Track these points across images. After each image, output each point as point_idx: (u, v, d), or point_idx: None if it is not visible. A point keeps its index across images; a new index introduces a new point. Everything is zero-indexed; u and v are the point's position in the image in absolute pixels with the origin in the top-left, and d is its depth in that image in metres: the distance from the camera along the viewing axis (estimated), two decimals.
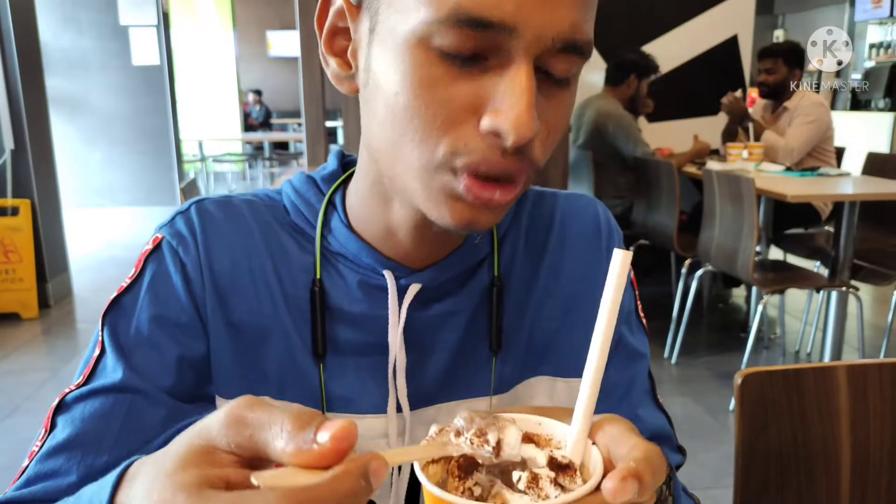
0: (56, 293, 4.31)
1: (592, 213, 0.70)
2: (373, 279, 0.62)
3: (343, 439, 0.30)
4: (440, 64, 0.47)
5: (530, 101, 0.46)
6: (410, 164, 0.51)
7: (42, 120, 4.35)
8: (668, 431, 0.71)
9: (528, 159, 0.50)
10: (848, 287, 2.90)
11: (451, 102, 0.48)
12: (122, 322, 0.60)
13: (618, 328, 0.69)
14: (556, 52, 0.48)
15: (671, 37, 4.16)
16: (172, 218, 0.63)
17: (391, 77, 0.49)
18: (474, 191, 0.49)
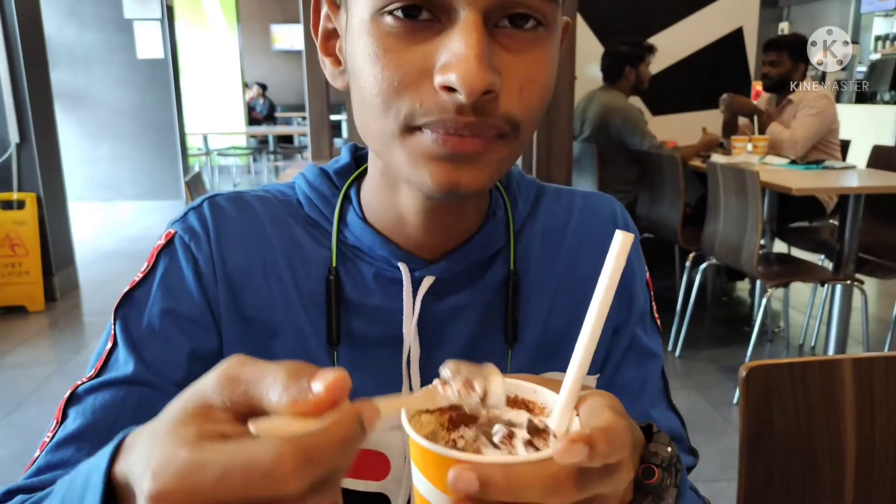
0: (62, 286, 4.33)
1: (610, 212, 0.70)
2: (388, 272, 0.62)
3: (337, 389, 0.31)
4: (393, 33, 0.49)
5: (477, 49, 0.46)
6: (384, 135, 0.52)
7: (47, 113, 4.36)
8: (680, 433, 0.70)
9: (495, 113, 0.49)
10: (852, 280, 2.89)
11: (405, 65, 0.49)
12: (133, 316, 0.60)
13: (632, 328, 0.69)
14: (507, 1, 0.47)
15: (676, 29, 4.15)
16: (185, 213, 0.64)
17: (357, 55, 0.51)
18: (440, 137, 0.49)
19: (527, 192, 0.69)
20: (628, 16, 4.10)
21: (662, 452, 0.49)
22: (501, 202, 0.66)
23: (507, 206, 0.66)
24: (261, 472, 0.28)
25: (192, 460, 0.29)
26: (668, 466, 0.48)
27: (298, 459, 0.28)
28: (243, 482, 0.28)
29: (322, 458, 0.29)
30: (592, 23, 4.07)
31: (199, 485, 0.29)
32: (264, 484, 0.28)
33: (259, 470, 0.28)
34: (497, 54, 0.48)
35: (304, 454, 0.29)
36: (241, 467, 0.28)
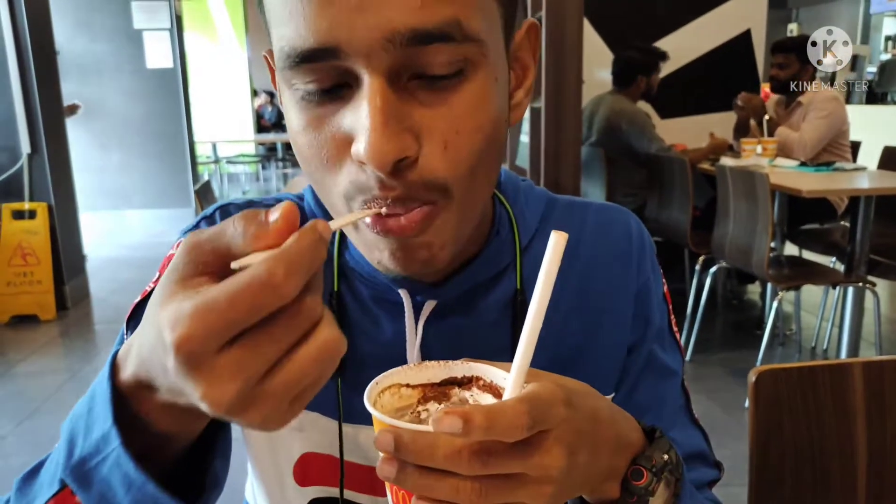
0: (73, 295, 4.36)
1: (624, 227, 0.67)
2: (389, 295, 0.61)
3: (289, 214, 0.34)
4: (308, 106, 0.47)
5: (380, 119, 0.43)
6: (333, 208, 0.51)
7: (58, 124, 4.40)
8: (703, 449, 0.68)
9: (418, 178, 0.46)
10: (864, 283, 2.87)
11: (327, 141, 0.47)
12: None
13: (649, 346, 0.66)
14: (412, 51, 0.43)
15: (684, 32, 4.14)
16: (197, 222, 0.64)
17: (291, 126, 0.50)
18: (380, 226, 0.47)
19: (535, 205, 0.66)
20: (635, 19, 4.09)
21: (657, 458, 0.48)
22: (506, 219, 0.63)
23: (514, 221, 0.63)
24: (260, 286, 0.32)
25: (199, 301, 0.32)
26: (658, 472, 0.48)
27: (285, 267, 0.32)
28: (250, 300, 0.32)
29: (301, 262, 0.33)
30: (599, 26, 4.07)
31: (215, 315, 0.32)
32: (266, 295, 0.32)
33: (258, 285, 0.32)
34: (413, 112, 0.45)
35: (286, 262, 0.32)
36: (244, 289, 0.32)
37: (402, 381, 0.45)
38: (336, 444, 0.63)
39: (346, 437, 0.62)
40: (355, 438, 0.63)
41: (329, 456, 0.63)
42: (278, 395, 0.34)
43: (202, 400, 0.33)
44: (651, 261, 0.68)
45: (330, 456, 0.63)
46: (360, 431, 0.62)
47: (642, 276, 0.66)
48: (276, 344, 0.33)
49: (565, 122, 3.13)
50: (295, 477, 0.64)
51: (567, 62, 3.07)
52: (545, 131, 3.11)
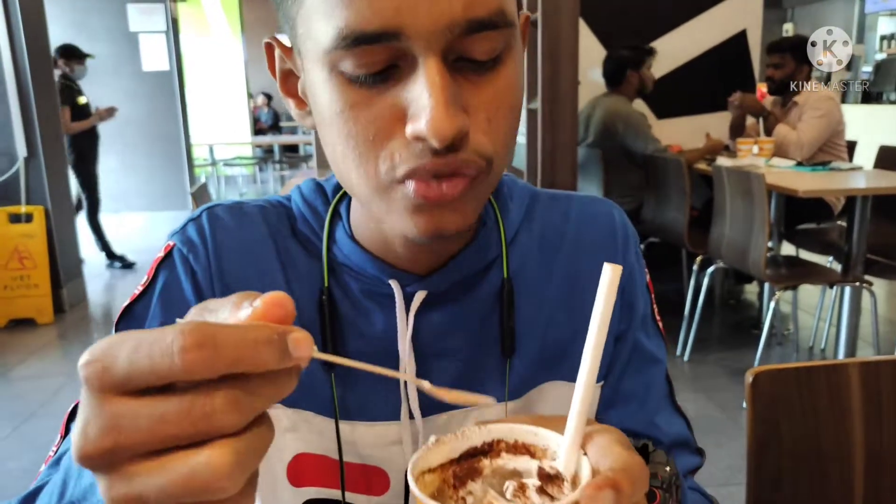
0: (71, 298, 4.35)
1: (608, 217, 0.68)
2: (379, 288, 0.61)
3: (274, 303, 0.30)
4: (355, 86, 0.47)
5: (443, 97, 0.45)
6: (364, 187, 0.51)
7: (54, 127, 4.39)
8: (686, 436, 0.69)
9: (469, 152, 0.49)
10: (861, 282, 2.88)
11: (376, 120, 0.48)
12: (134, 329, 0.60)
13: (634, 333, 0.68)
14: (464, 37, 0.46)
15: (679, 33, 4.14)
16: (184, 225, 0.64)
17: (324, 110, 0.50)
18: (421, 190, 0.49)
19: (520, 198, 0.67)
20: (631, 20, 4.10)
21: (661, 473, 0.49)
22: (491, 211, 0.65)
23: (498, 215, 0.64)
24: (161, 345, 0.28)
25: (115, 337, 0.29)
26: (668, 487, 0.48)
27: (197, 337, 0.28)
28: (147, 352, 0.28)
29: (225, 344, 0.28)
30: (595, 27, 4.08)
31: (115, 354, 0.28)
32: (161, 355, 0.28)
33: (161, 342, 0.28)
34: (462, 90, 0.48)
35: (204, 334, 0.28)
36: (148, 339, 0.28)
37: (424, 468, 0.41)
38: (329, 443, 0.63)
39: (342, 436, 0.62)
40: (350, 436, 0.62)
41: (323, 456, 0.63)
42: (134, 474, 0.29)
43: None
44: (635, 250, 0.69)
45: (324, 456, 0.63)
46: (355, 429, 0.62)
47: (627, 264, 0.67)
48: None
49: (562, 124, 3.14)
50: (289, 478, 0.64)
51: (563, 63, 3.08)
52: (542, 132, 3.11)
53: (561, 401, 0.66)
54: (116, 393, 0.28)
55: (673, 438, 0.68)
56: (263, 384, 0.29)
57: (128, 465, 0.28)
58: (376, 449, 0.63)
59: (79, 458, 0.28)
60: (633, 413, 0.67)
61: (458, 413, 0.64)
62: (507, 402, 0.64)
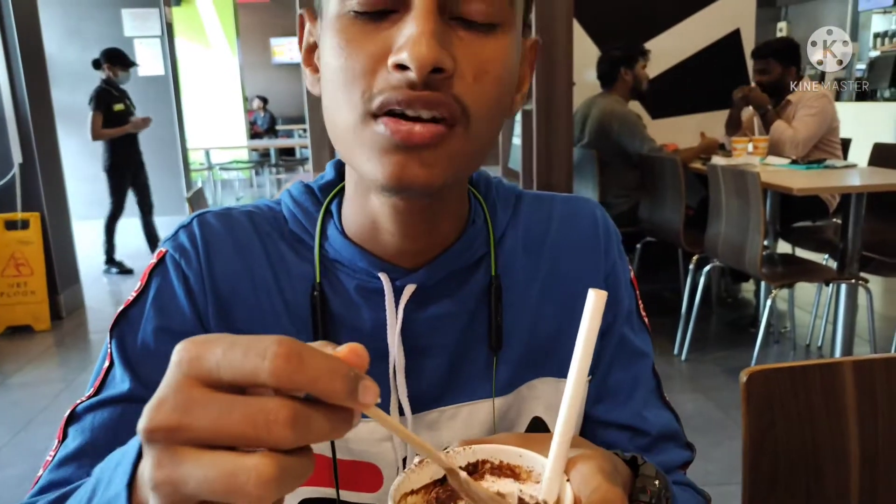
0: (68, 305, 4.35)
1: (590, 215, 0.71)
2: (370, 283, 0.63)
3: (354, 352, 0.32)
4: (356, 24, 0.51)
5: (428, 29, 0.48)
6: (346, 126, 0.53)
7: (49, 133, 4.38)
8: (675, 429, 0.71)
9: (448, 97, 0.50)
10: (857, 279, 2.88)
11: (365, 53, 0.51)
12: (128, 335, 0.62)
13: (619, 328, 0.70)
14: None
15: (673, 33, 4.15)
16: (175, 232, 0.65)
17: (326, 56, 0.53)
18: (391, 126, 0.50)
19: (506, 199, 0.69)
20: (625, 20, 4.11)
21: (650, 486, 0.49)
22: (480, 211, 0.66)
23: (486, 214, 0.66)
24: (257, 347, 0.30)
25: (214, 335, 0.32)
26: (657, 501, 0.49)
27: (289, 348, 0.30)
28: (243, 350, 0.30)
29: (310, 363, 0.30)
30: (590, 28, 4.08)
31: (211, 346, 0.31)
32: (254, 355, 0.30)
33: (257, 345, 0.30)
34: (452, 42, 0.50)
35: (295, 348, 0.30)
36: (245, 341, 0.31)
37: (406, 489, 0.41)
38: (323, 443, 0.63)
39: None
40: None
41: (318, 455, 0.63)
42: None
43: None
44: (617, 247, 0.71)
45: (319, 455, 0.64)
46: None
47: (609, 260, 0.70)
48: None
49: (557, 125, 3.14)
50: None
51: (557, 65, 3.08)
52: (537, 134, 3.12)
53: (550, 397, 0.68)
54: (199, 382, 0.31)
55: (661, 430, 0.69)
56: (323, 417, 0.31)
57: (182, 448, 0.30)
58: (368, 445, 0.64)
59: (145, 428, 0.31)
60: (621, 405, 0.69)
61: (449, 408, 0.65)
62: (497, 398, 0.65)
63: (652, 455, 0.68)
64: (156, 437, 0.31)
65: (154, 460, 0.31)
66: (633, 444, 0.69)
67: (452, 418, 0.65)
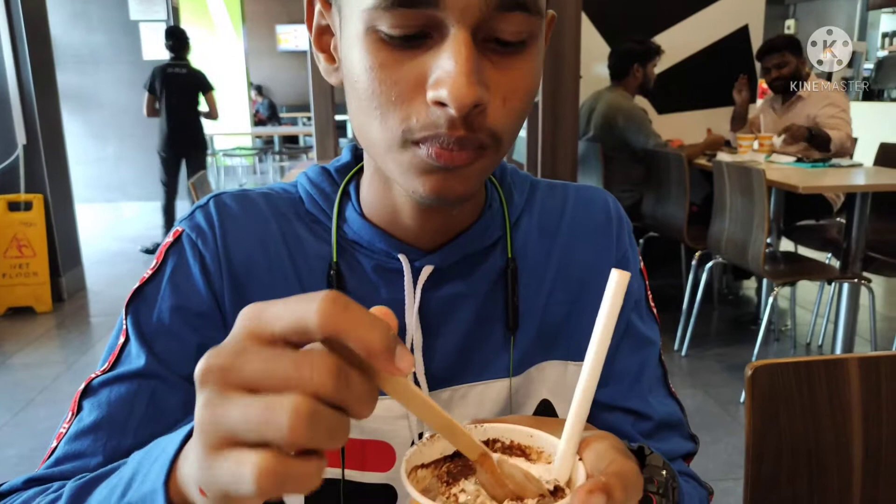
0: (69, 287, 4.35)
1: (602, 203, 0.72)
2: (388, 263, 0.64)
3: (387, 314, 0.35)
4: (387, 47, 0.50)
5: (466, 67, 0.47)
6: (380, 144, 0.54)
7: (54, 115, 4.38)
8: (679, 419, 0.71)
9: (482, 127, 0.51)
10: (860, 279, 2.88)
11: (400, 81, 0.50)
12: (144, 311, 0.62)
13: (627, 315, 0.70)
14: (495, 15, 0.48)
15: (681, 27, 4.13)
16: (192, 212, 0.66)
17: (354, 64, 0.52)
18: (434, 154, 0.51)
19: (521, 185, 0.71)
20: (633, 14, 4.09)
21: (657, 477, 0.49)
22: (496, 195, 0.68)
23: (502, 199, 0.68)
24: (307, 298, 0.33)
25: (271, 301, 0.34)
26: (665, 492, 0.49)
27: (336, 296, 0.32)
28: (294, 303, 0.33)
29: (353, 310, 0.32)
30: (597, 21, 4.07)
31: (269, 307, 0.33)
32: (305, 302, 0.32)
33: (307, 297, 0.33)
34: (485, 68, 0.50)
35: (341, 297, 0.32)
36: (296, 297, 0.33)
37: (417, 462, 0.41)
38: None
39: None
40: None
41: None
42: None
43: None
44: (629, 236, 0.72)
45: None
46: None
47: (621, 247, 0.71)
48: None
49: (562, 117, 3.13)
50: None
51: (565, 58, 3.07)
52: (542, 126, 3.11)
53: (558, 380, 0.69)
54: (256, 337, 0.33)
55: (664, 418, 0.70)
56: (360, 378, 0.33)
57: (230, 389, 0.32)
58: (381, 423, 0.64)
59: (201, 369, 0.33)
60: (626, 390, 0.70)
61: (462, 388, 0.66)
62: (511, 378, 0.66)
63: (654, 442, 0.69)
64: (209, 377, 0.33)
65: (204, 399, 0.33)
66: (636, 428, 0.69)
67: (464, 397, 0.66)
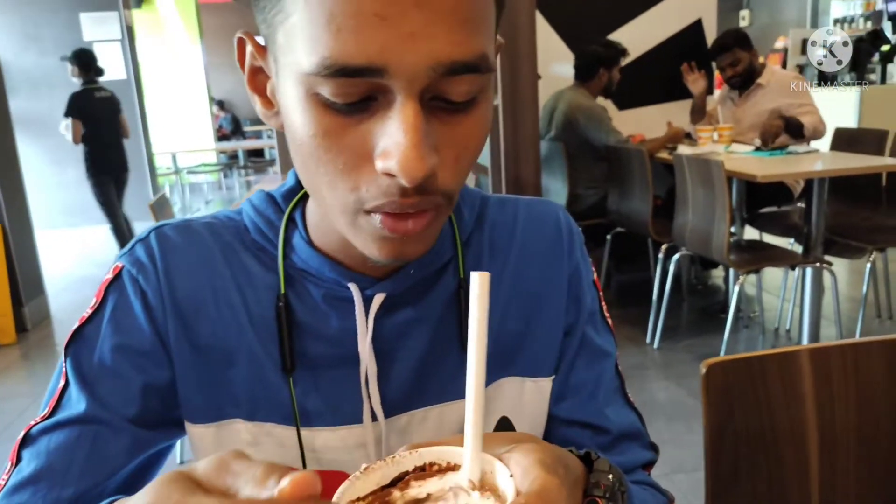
0: (33, 317, 4.26)
1: (553, 218, 0.71)
2: (338, 292, 0.62)
3: (302, 484, 0.32)
4: (330, 113, 0.47)
5: (416, 139, 0.45)
6: (332, 206, 0.52)
7: (7, 142, 4.29)
8: (638, 429, 0.71)
9: (435, 191, 0.50)
10: (822, 263, 2.93)
11: (346, 150, 0.48)
12: (84, 353, 0.60)
13: (582, 327, 0.70)
14: (444, 78, 0.46)
15: (636, 24, 4.18)
16: (132, 246, 0.64)
17: (296, 126, 0.50)
18: (388, 225, 0.50)
19: (471, 202, 0.69)
20: (588, 12, 4.12)
21: (604, 481, 0.49)
22: None
23: (452, 218, 0.66)
24: None
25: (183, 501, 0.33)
26: (611, 496, 0.48)
27: None
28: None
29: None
30: (553, 20, 4.09)
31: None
32: None
33: None
34: (433, 129, 0.48)
35: None
36: None
37: (353, 497, 0.40)
38: (293, 453, 0.63)
39: (304, 443, 0.63)
40: (312, 444, 0.63)
41: (285, 467, 0.63)
42: None
43: None
44: (580, 248, 0.72)
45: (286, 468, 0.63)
46: (317, 435, 0.63)
47: (573, 261, 0.70)
48: None
49: (523, 118, 3.15)
50: None
51: (521, 58, 3.08)
52: (503, 128, 3.12)
53: (516, 396, 0.68)
54: None
55: (623, 429, 0.69)
56: None
57: None
58: (339, 453, 0.63)
59: None
60: (583, 404, 0.69)
61: (419, 412, 0.65)
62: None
63: (613, 454, 0.68)
64: None
65: None
66: (595, 442, 0.69)
67: (423, 421, 0.65)
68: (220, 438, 0.63)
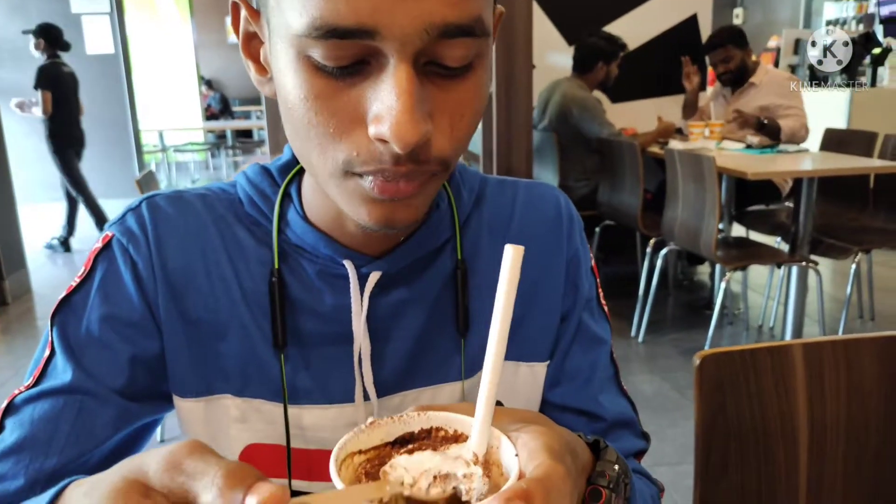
0: (14, 290, 4.21)
1: (553, 201, 0.70)
2: (333, 269, 0.61)
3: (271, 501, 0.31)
4: (321, 76, 0.46)
5: (409, 103, 0.44)
6: (320, 172, 0.51)
7: None
8: (630, 417, 0.71)
9: (429, 158, 0.49)
10: (808, 262, 2.95)
11: (338, 113, 0.47)
12: (72, 322, 0.59)
13: (579, 314, 0.69)
14: (438, 41, 0.45)
15: (631, 17, 4.17)
16: (123, 215, 0.62)
17: (287, 90, 0.49)
18: (378, 187, 0.49)
19: (470, 183, 0.68)
20: (585, 3, 4.11)
21: (609, 471, 0.48)
22: (445, 194, 0.65)
23: (451, 198, 0.65)
24: None
25: None
26: (615, 486, 0.48)
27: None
28: None
29: None
30: (550, 11, 4.08)
31: None
32: None
33: None
34: (428, 94, 0.47)
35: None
36: None
37: (354, 449, 0.40)
38: (281, 431, 0.62)
39: (291, 421, 0.62)
40: (300, 421, 0.62)
41: (274, 445, 0.63)
42: None
43: None
44: (580, 233, 0.71)
45: (276, 445, 0.63)
46: (304, 413, 0.62)
47: (572, 246, 0.70)
48: None
49: (517, 107, 3.13)
50: None
51: (517, 47, 3.06)
52: (496, 116, 3.10)
53: (511, 380, 0.68)
54: None
55: (616, 417, 0.69)
56: None
57: None
58: (330, 431, 0.62)
59: None
60: (578, 390, 0.69)
61: (411, 393, 0.64)
62: (464, 381, 0.65)
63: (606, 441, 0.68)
64: None
65: None
66: (589, 429, 0.68)
67: (416, 402, 0.64)
68: (209, 413, 0.62)
